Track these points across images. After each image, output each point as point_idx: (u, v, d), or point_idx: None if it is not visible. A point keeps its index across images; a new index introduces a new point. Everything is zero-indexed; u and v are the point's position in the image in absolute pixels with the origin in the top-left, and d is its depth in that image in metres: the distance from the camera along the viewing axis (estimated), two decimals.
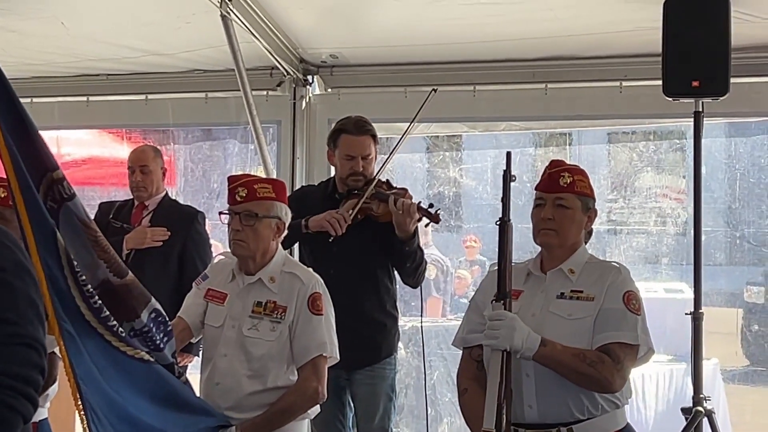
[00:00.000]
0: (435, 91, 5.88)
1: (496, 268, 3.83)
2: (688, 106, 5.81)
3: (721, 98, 5.66)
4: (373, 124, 5.55)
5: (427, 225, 5.33)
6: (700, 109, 5.79)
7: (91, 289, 2.84)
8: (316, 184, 6.06)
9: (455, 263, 11.99)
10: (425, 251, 5.65)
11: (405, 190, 5.45)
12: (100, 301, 2.85)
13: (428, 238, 10.37)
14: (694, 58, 5.59)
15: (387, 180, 5.59)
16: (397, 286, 5.65)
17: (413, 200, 5.34)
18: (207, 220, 6.46)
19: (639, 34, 5.99)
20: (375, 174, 5.47)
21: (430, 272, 10.28)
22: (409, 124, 5.73)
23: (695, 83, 5.63)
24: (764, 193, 12.95)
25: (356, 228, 5.35)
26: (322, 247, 5.35)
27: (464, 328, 4.08)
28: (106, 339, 2.89)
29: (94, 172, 10.28)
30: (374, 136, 5.49)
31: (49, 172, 2.85)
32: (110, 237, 5.65)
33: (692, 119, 5.82)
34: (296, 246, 5.91)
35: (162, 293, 4.44)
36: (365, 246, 5.39)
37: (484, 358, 3.89)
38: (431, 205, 5.35)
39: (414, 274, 5.45)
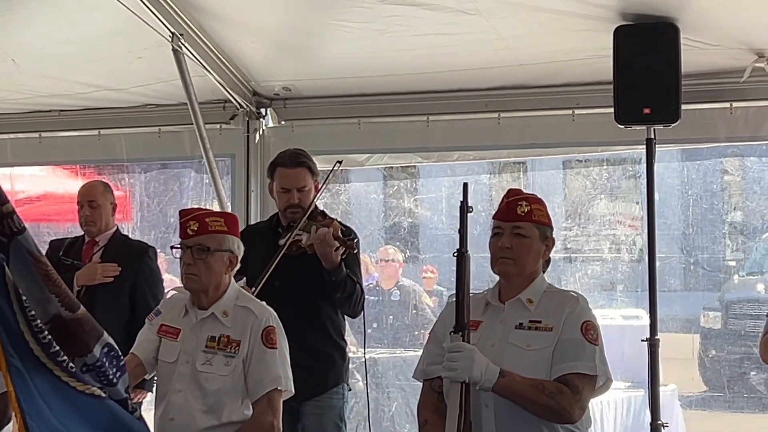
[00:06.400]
0: (340, 163, 5.79)
1: (455, 299, 3.81)
2: (641, 133, 5.86)
3: (673, 125, 5.71)
4: (311, 157, 5.53)
5: (344, 254, 5.22)
6: (653, 136, 5.84)
7: (41, 324, 2.80)
8: (269, 217, 6.01)
9: None
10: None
11: (332, 220, 5.41)
12: (49, 336, 2.80)
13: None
14: (645, 85, 5.63)
15: (322, 211, 5.54)
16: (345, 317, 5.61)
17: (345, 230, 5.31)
18: (163, 254, 6.41)
19: (590, 63, 6.03)
20: (308, 206, 5.41)
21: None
22: (315, 195, 5.50)
23: (647, 110, 5.68)
24: (717, 218, 13.07)
25: (296, 261, 5.32)
26: (265, 282, 5.29)
27: (424, 360, 4.06)
28: (56, 374, 2.84)
29: (49, 209, 10.22)
30: (310, 168, 5.47)
31: None
32: (61, 274, 5.54)
33: (645, 146, 5.87)
34: None
35: (113, 329, 4.37)
36: (305, 279, 5.35)
37: (444, 390, 3.87)
38: (349, 233, 5.32)
39: (347, 305, 5.41)
